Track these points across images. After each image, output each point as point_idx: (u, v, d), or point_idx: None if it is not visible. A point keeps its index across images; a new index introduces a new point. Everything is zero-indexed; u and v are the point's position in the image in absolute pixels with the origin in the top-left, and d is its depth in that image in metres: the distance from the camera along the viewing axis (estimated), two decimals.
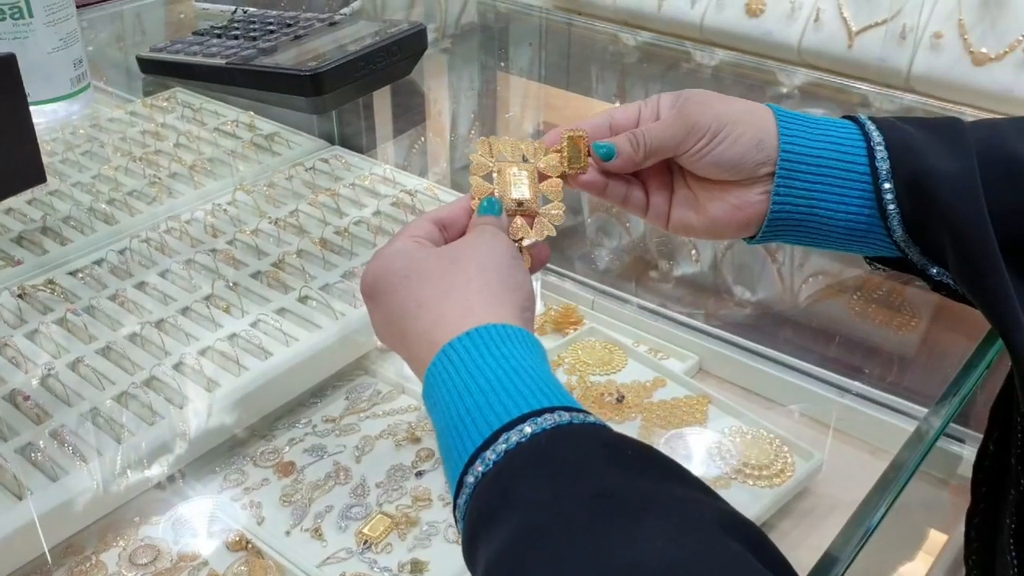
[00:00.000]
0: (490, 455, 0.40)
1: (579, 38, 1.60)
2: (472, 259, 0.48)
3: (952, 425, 0.77)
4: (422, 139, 1.28)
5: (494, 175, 0.56)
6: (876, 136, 0.53)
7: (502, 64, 1.55)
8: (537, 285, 0.94)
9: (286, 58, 1.08)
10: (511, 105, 1.47)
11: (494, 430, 0.40)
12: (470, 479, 0.40)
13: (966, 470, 0.64)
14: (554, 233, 0.56)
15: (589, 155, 0.56)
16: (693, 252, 1.03)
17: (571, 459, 0.39)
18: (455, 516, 0.42)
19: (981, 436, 0.60)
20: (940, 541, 0.80)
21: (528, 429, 0.40)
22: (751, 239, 0.57)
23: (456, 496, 0.41)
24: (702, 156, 0.54)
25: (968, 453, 0.78)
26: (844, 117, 0.56)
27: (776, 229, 0.55)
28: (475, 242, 0.50)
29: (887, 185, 0.52)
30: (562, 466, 0.38)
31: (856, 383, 0.81)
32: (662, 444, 0.74)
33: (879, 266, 0.58)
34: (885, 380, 0.83)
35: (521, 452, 0.39)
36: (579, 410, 0.42)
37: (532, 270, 0.55)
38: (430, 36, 1.22)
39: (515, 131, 1.39)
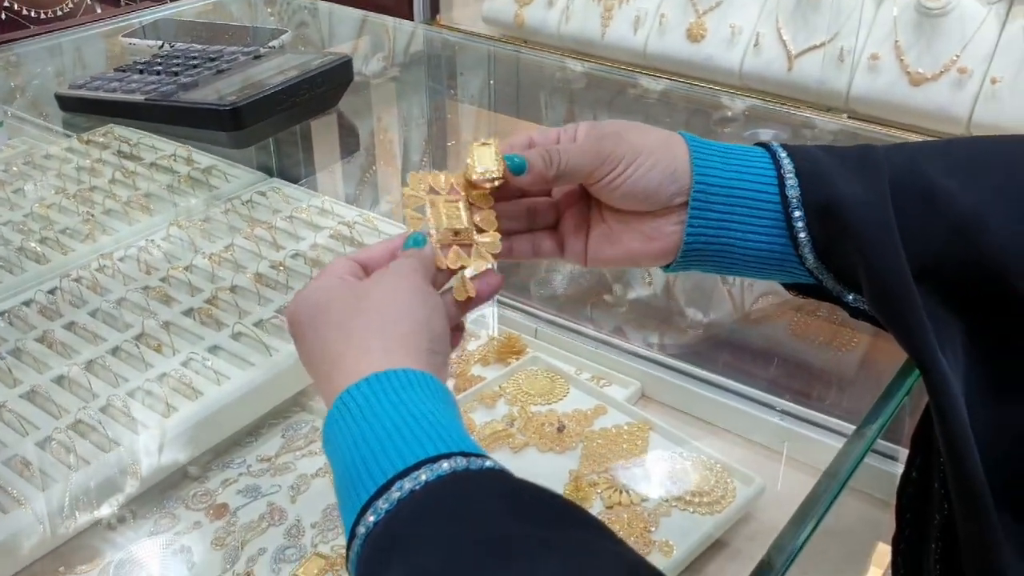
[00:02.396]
0: (382, 504, 0.39)
1: (527, 66, 1.60)
2: (375, 299, 0.48)
3: (895, 447, 0.78)
4: (366, 170, 1.28)
5: (427, 208, 0.56)
6: (787, 164, 0.53)
7: (451, 92, 1.55)
8: (493, 311, 0.93)
9: (206, 93, 1.07)
10: (461, 133, 1.47)
11: (388, 478, 0.39)
12: (361, 529, 0.39)
13: None
14: (492, 262, 0.56)
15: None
16: (646, 276, 1.03)
17: (466, 506, 0.38)
18: (347, 569, 0.40)
19: None
20: (885, 557, 0.80)
21: (423, 477, 0.39)
22: (667, 267, 0.57)
23: (348, 548, 0.40)
24: (616, 186, 0.53)
25: None
26: (757, 144, 0.56)
27: (691, 258, 0.55)
28: (380, 280, 0.49)
29: (797, 213, 0.52)
30: (456, 514, 0.37)
31: (797, 406, 0.80)
32: (603, 473, 0.74)
33: (797, 293, 0.58)
34: (826, 402, 0.83)
35: (415, 501, 0.38)
36: (478, 455, 0.41)
37: (478, 301, 0.54)
38: (378, 66, 1.21)
39: (462, 159, 1.39)
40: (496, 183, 0.55)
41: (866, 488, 0.76)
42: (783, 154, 0.54)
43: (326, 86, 1.14)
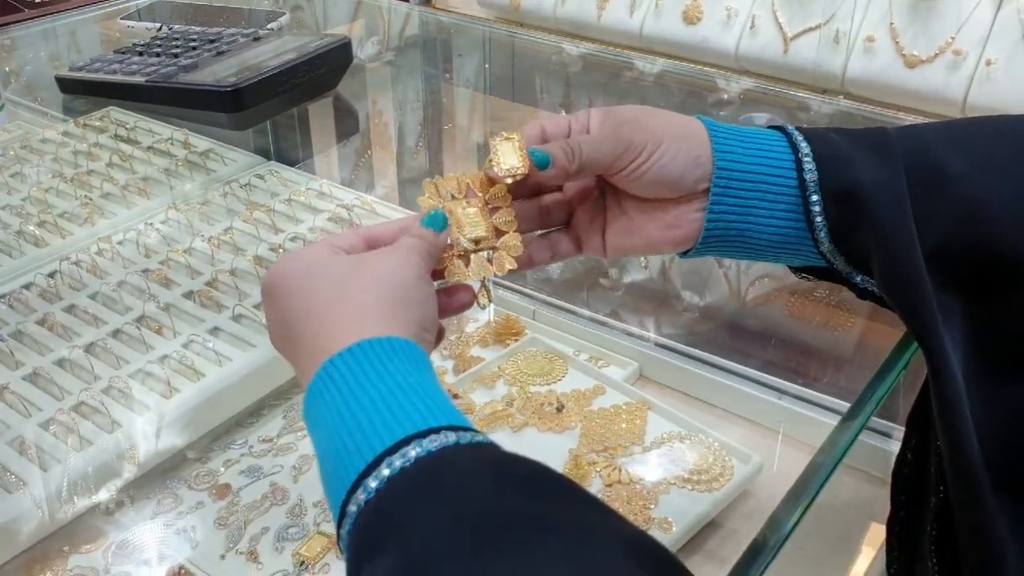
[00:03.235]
0: (372, 482, 0.38)
1: (522, 49, 1.60)
2: (375, 270, 0.47)
3: (889, 424, 0.78)
4: (363, 153, 1.28)
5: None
6: (804, 147, 0.53)
7: (446, 76, 1.55)
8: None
9: (206, 74, 1.07)
10: (456, 116, 1.47)
11: (377, 454, 0.38)
12: (352, 508, 0.38)
13: None
14: (515, 266, 0.55)
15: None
16: (642, 260, 1.04)
17: (458, 483, 0.37)
18: (339, 547, 0.40)
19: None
20: (881, 535, 0.81)
21: (413, 452, 0.38)
22: (685, 254, 0.57)
23: (339, 526, 0.39)
24: (641, 174, 0.53)
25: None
26: (773, 128, 0.56)
27: (711, 244, 0.55)
28: (383, 254, 0.49)
29: (815, 197, 0.52)
30: (448, 491, 0.37)
31: (795, 385, 0.81)
32: (602, 453, 0.74)
33: (805, 275, 0.58)
34: (822, 381, 0.83)
35: (405, 477, 0.38)
36: (468, 429, 0.40)
37: (463, 308, 0.53)
38: (373, 49, 1.21)
39: (461, 142, 1.39)
40: (519, 178, 0.53)
41: (861, 465, 0.77)
42: (800, 138, 0.54)
43: (325, 68, 1.14)
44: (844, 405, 0.78)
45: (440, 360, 0.85)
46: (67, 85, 1.19)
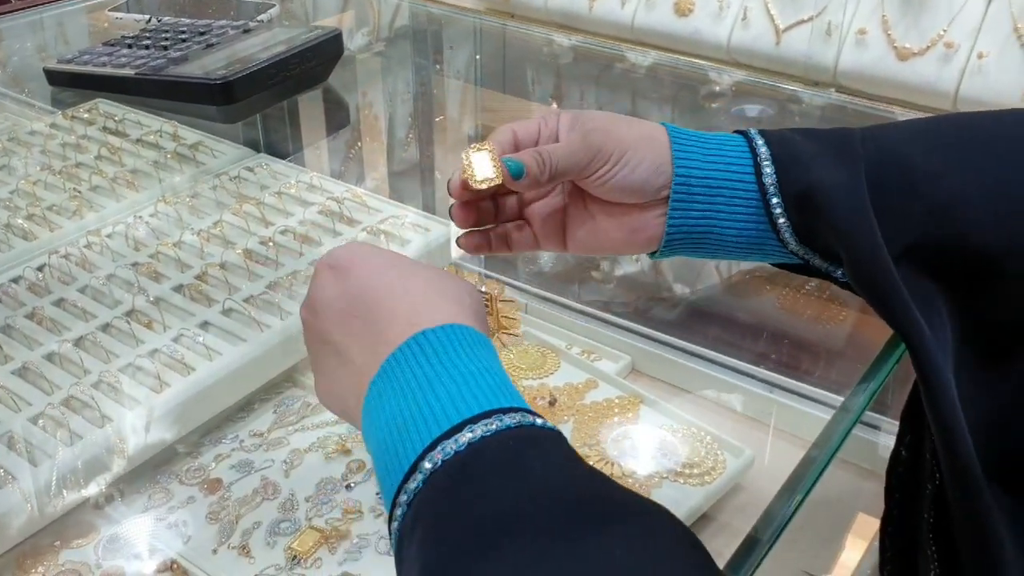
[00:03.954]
0: (452, 445, 0.39)
1: (514, 41, 1.59)
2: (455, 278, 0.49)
3: (879, 417, 0.79)
4: (353, 145, 1.27)
5: None
6: (763, 151, 0.54)
7: (437, 67, 1.54)
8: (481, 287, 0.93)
9: (196, 67, 1.06)
10: (447, 108, 1.46)
11: (463, 419, 0.39)
12: (427, 465, 0.39)
13: None
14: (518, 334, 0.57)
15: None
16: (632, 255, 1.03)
17: (534, 461, 0.38)
18: (397, 502, 0.40)
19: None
20: (873, 528, 0.81)
21: (494, 425, 0.39)
22: (653, 254, 0.58)
23: (407, 479, 0.39)
24: (605, 181, 0.54)
25: None
26: (735, 132, 0.56)
27: (675, 246, 0.56)
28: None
29: (775, 200, 0.53)
30: (528, 467, 0.38)
31: (786, 379, 0.81)
32: (595, 446, 0.74)
33: (788, 269, 0.58)
34: (814, 374, 0.84)
35: (487, 447, 0.39)
36: (540, 417, 0.41)
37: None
38: (363, 40, 1.21)
39: (452, 134, 1.38)
40: (493, 188, 0.54)
41: (851, 458, 0.77)
42: (759, 141, 0.55)
43: (316, 60, 1.13)
44: (835, 398, 0.79)
45: None
46: (55, 77, 1.18)
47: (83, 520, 0.68)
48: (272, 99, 1.11)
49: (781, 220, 0.53)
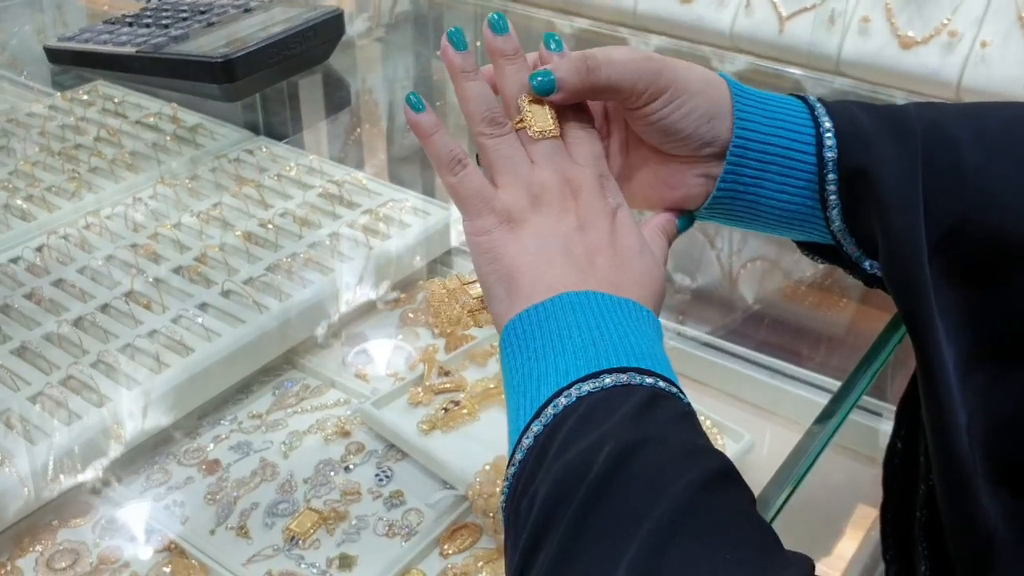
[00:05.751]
0: (607, 378, 0.42)
1: (515, 26, 1.58)
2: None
3: (879, 403, 0.78)
4: (353, 129, 1.27)
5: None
6: (826, 123, 0.51)
7: (438, 53, 1.53)
8: None
9: (197, 45, 1.06)
10: (447, 94, 1.45)
11: (623, 365, 0.42)
12: (587, 387, 0.42)
13: None
14: None
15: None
16: None
17: (671, 421, 0.42)
18: (540, 426, 0.44)
19: None
20: (868, 513, 0.81)
21: (650, 380, 0.42)
22: (687, 217, 0.54)
23: (558, 393, 0.43)
24: (653, 120, 0.50)
25: None
26: (794, 96, 0.53)
27: (716, 211, 0.53)
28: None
29: (832, 176, 0.50)
30: (668, 424, 0.42)
31: (786, 364, 0.81)
32: None
33: (815, 257, 0.56)
34: (814, 361, 0.83)
35: (641, 390, 0.42)
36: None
37: None
38: (364, 25, 1.20)
39: (452, 120, 1.38)
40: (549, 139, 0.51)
41: (851, 444, 0.77)
42: (821, 110, 0.51)
43: (318, 39, 1.12)
44: (835, 384, 0.78)
45: (432, 338, 0.84)
46: (56, 56, 1.18)
47: (81, 500, 0.68)
48: (273, 78, 1.10)
49: (832, 197, 0.51)
